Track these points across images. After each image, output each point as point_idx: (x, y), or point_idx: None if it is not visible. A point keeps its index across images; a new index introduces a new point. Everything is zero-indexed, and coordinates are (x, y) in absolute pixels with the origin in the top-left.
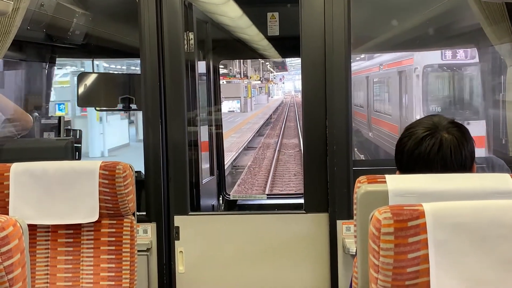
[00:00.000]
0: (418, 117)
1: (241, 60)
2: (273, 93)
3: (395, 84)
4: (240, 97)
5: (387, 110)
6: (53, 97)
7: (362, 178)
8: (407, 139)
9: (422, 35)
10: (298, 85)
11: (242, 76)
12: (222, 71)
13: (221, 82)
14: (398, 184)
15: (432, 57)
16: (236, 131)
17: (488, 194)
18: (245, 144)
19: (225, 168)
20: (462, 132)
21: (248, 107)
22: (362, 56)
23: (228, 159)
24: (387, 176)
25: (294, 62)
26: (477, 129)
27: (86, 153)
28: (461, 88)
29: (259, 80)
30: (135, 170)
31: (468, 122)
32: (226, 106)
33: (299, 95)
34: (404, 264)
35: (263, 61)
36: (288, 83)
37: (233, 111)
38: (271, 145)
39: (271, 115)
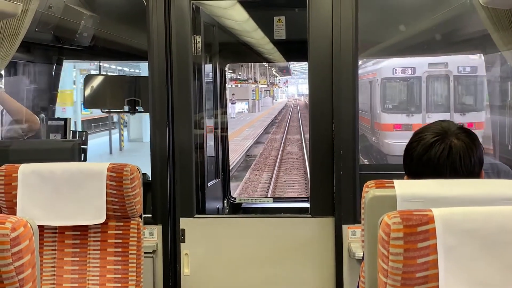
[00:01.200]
0: (378, 112)
1: (250, 66)
2: (277, 96)
3: (368, 90)
4: (248, 99)
5: (364, 109)
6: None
7: (370, 182)
8: (416, 144)
9: (429, 41)
10: (301, 88)
11: (253, 80)
12: (232, 75)
13: (232, 86)
14: (406, 189)
15: (387, 72)
16: (250, 126)
17: (496, 200)
18: (257, 137)
19: (242, 154)
20: (471, 138)
21: (256, 108)
22: None
23: (247, 144)
24: (395, 181)
25: (298, 67)
26: (418, 119)
27: (140, 138)
28: (405, 92)
29: (265, 84)
30: (142, 172)
31: (412, 114)
32: (236, 107)
33: (302, 99)
34: (413, 269)
35: (268, 67)
36: (291, 87)
37: (242, 111)
38: (278, 140)
39: (276, 116)
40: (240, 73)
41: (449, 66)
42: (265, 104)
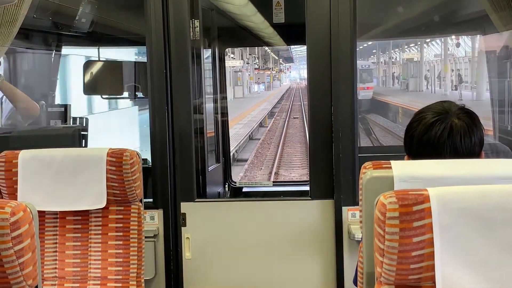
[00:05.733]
0: None
1: (266, 58)
2: (283, 81)
3: None
4: (264, 82)
5: None
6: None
7: (367, 164)
8: (416, 124)
9: (428, 22)
10: (303, 73)
11: (272, 69)
12: (256, 66)
13: (257, 73)
14: (404, 170)
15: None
16: (272, 96)
17: (494, 179)
18: (275, 103)
19: (268, 110)
20: (472, 119)
21: (270, 88)
22: None
23: (273, 103)
24: (392, 162)
25: (300, 54)
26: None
27: None
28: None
29: (276, 71)
30: (142, 157)
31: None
32: (256, 87)
33: (303, 82)
34: (409, 248)
35: (277, 57)
36: (293, 72)
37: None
38: (287, 104)
39: (284, 93)
40: (257, 62)
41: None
42: (274, 86)
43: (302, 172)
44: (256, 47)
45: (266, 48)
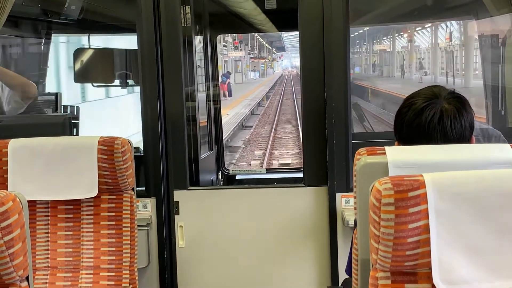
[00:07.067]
0: None
1: (260, 48)
2: (275, 68)
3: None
4: (259, 69)
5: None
6: None
7: (361, 150)
8: (406, 110)
9: (421, 7)
10: (294, 62)
11: (266, 57)
12: (251, 55)
13: (252, 61)
14: (398, 156)
15: None
16: (268, 81)
17: (488, 164)
18: (270, 87)
19: (266, 92)
20: (462, 103)
21: (264, 75)
22: None
23: (269, 87)
24: (386, 147)
25: (291, 44)
26: None
27: None
28: None
29: (269, 59)
30: (134, 146)
31: None
32: (252, 74)
33: (294, 70)
34: (404, 234)
35: (270, 47)
36: (285, 60)
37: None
38: (281, 89)
39: (277, 80)
40: (250, 51)
41: None
42: (268, 74)
43: (292, 129)
44: (254, 39)
45: (260, 38)
